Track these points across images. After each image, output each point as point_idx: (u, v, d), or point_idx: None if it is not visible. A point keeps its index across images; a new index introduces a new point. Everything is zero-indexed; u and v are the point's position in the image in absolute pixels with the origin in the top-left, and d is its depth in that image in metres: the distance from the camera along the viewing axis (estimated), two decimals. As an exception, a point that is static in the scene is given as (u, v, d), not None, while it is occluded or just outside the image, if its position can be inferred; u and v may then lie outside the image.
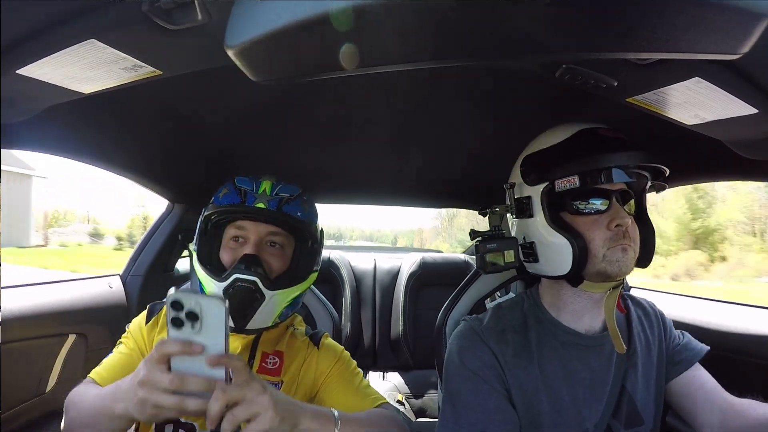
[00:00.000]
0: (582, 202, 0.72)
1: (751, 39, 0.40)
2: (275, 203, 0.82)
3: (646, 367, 0.78)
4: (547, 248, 0.74)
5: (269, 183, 0.85)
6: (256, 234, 0.82)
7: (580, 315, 0.76)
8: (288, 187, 0.87)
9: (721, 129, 0.65)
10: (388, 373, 2.17)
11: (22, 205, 14.18)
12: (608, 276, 0.70)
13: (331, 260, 2.10)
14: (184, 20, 0.46)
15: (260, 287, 0.77)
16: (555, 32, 0.40)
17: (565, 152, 0.72)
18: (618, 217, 0.69)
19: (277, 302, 0.80)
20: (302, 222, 0.84)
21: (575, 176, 0.68)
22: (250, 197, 0.82)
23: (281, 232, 0.83)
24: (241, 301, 0.77)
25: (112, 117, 0.88)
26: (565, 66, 0.55)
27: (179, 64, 0.57)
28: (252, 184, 0.85)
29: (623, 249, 0.69)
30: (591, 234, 0.70)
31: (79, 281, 1.28)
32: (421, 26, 0.40)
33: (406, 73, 0.70)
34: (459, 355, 0.76)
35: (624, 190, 0.73)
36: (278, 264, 0.83)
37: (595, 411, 0.73)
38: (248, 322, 0.77)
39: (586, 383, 0.73)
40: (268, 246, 0.83)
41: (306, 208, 0.87)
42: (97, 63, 0.54)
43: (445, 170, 1.34)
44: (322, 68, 0.47)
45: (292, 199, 0.84)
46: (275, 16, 0.40)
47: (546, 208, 0.73)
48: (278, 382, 0.83)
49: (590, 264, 0.70)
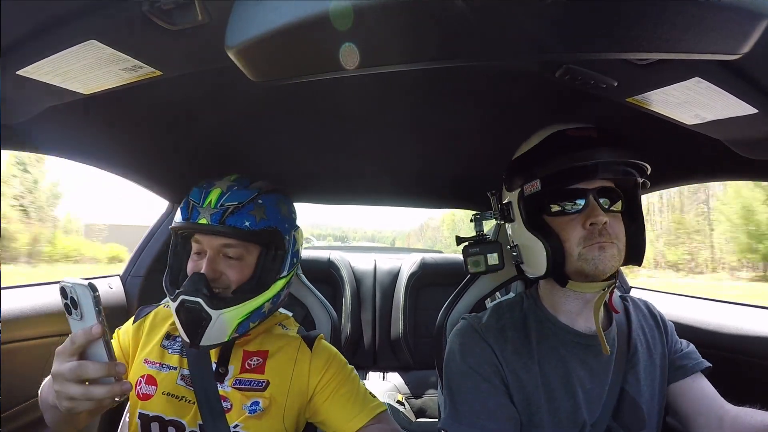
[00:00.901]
0: (557, 203, 0.73)
1: (751, 39, 0.40)
2: (218, 216, 0.78)
3: (648, 369, 0.78)
4: (527, 250, 0.77)
5: (217, 192, 0.81)
6: (211, 247, 0.80)
7: (575, 315, 0.77)
8: (238, 193, 0.81)
9: (721, 129, 0.65)
10: (388, 373, 2.17)
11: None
12: (587, 275, 0.70)
13: (331, 261, 2.10)
14: (184, 20, 0.46)
15: (204, 307, 0.75)
16: (555, 32, 0.40)
17: (532, 157, 0.76)
18: (593, 215, 0.70)
19: (227, 320, 0.77)
20: (250, 232, 0.79)
21: (537, 180, 0.72)
22: (194, 212, 0.80)
23: (236, 243, 0.80)
24: (189, 320, 0.76)
25: (112, 117, 0.88)
26: (565, 66, 0.54)
27: (179, 64, 0.57)
28: (200, 196, 0.81)
29: (600, 247, 0.69)
30: (566, 234, 0.71)
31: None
32: (421, 26, 0.40)
33: (406, 74, 0.70)
34: (459, 353, 0.77)
35: (608, 188, 0.73)
36: (237, 275, 0.81)
37: (593, 411, 0.72)
38: (200, 339, 0.77)
39: (584, 383, 0.73)
40: (226, 258, 0.81)
41: (259, 215, 0.81)
42: (97, 63, 0.54)
43: (445, 171, 1.34)
44: (322, 68, 0.47)
45: (239, 209, 0.79)
46: (275, 16, 0.40)
47: (523, 212, 0.76)
48: (263, 381, 0.83)
49: (568, 263, 0.71)
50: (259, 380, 0.83)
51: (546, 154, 0.73)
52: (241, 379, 0.83)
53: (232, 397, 0.81)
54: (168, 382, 0.82)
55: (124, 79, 0.58)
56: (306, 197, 1.63)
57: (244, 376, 0.83)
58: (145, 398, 0.81)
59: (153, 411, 0.80)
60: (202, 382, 0.81)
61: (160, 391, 0.82)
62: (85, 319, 0.61)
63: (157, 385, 0.82)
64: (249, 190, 0.83)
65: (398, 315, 2.12)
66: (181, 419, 0.80)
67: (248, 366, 0.85)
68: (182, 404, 0.81)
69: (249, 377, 0.83)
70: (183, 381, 0.82)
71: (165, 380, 0.83)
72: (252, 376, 0.83)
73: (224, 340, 0.79)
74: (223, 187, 0.82)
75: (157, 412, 0.80)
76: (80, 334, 0.60)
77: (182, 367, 0.84)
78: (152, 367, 0.84)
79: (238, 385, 0.82)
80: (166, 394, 0.81)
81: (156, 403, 0.81)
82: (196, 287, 0.76)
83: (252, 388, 0.83)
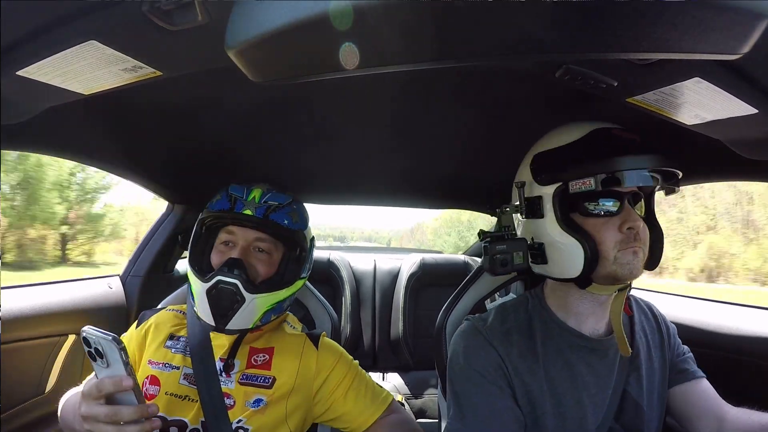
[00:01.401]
0: (593, 203, 0.70)
1: (752, 39, 0.40)
2: (262, 211, 0.86)
3: (649, 371, 0.77)
4: (557, 250, 0.72)
5: (259, 191, 0.89)
6: (244, 239, 0.86)
7: (585, 317, 0.76)
8: (278, 195, 0.90)
9: (721, 129, 0.65)
10: (388, 373, 2.17)
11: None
12: (617, 279, 0.69)
13: (331, 261, 2.10)
14: (184, 21, 0.46)
15: (240, 290, 0.80)
16: (555, 32, 0.40)
17: (580, 152, 0.70)
18: (630, 219, 0.68)
19: (258, 305, 0.82)
20: (288, 230, 0.87)
21: (591, 178, 0.66)
22: (239, 204, 0.86)
23: (268, 239, 0.87)
24: (222, 301, 0.80)
25: (113, 118, 0.88)
26: (565, 66, 0.54)
27: (179, 64, 0.57)
28: (243, 191, 0.88)
29: (634, 252, 0.68)
30: (602, 236, 0.69)
31: (79, 282, 1.28)
32: (421, 27, 0.40)
33: (405, 74, 0.70)
34: (464, 356, 0.75)
35: (634, 192, 0.72)
36: (264, 269, 0.86)
37: (597, 415, 0.72)
38: (228, 322, 0.80)
39: (590, 387, 0.73)
40: (256, 251, 0.87)
41: (294, 217, 0.90)
42: (97, 64, 0.54)
43: (444, 171, 1.33)
44: (322, 68, 0.47)
45: (280, 208, 0.88)
46: (275, 16, 0.40)
47: (558, 209, 0.71)
48: (270, 377, 0.85)
49: (601, 266, 0.69)
50: (265, 376, 0.85)
51: (601, 153, 0.68)
52: (247, 374, 0.85)
53: (235, 394, 0.82)
54: (171, 382, 0.84)
55: (124, 80, 0.58)
56: (304, 197, 1.63)
57: (251, 372, 0.85)
58: (149, 399, 0.82)
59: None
60: (206, 380, 0.82)
61: (164, 391, 0.83)
62: (112, 368, 0.62)
63: (160, 386, 0.83)
64: (286, 195, 0.92)
65: (398, 315, 2.12)
66: (183, 418, 0.81)
67: (254, 362, 0.86)
68: (185, 403, 0.82)
69: (255, 373, 0.85)
70: (186, 380, 0.84)
71: (168, 380, 0.84)
72: (258, 371, 0.85)
73: (249, 326, 0.84)
74: (263, 188, 0.90)
75: (161, 413, 0.81)
76: (109, 384, 0.61)
77: (185, 366, 0.85)
78: (155, 368, 0.85)
79: (245, 380, 0.84)
80: (169, 394, 0.82)
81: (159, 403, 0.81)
82: (233, 270, 0.81)
83: (258, 384, 0.84)
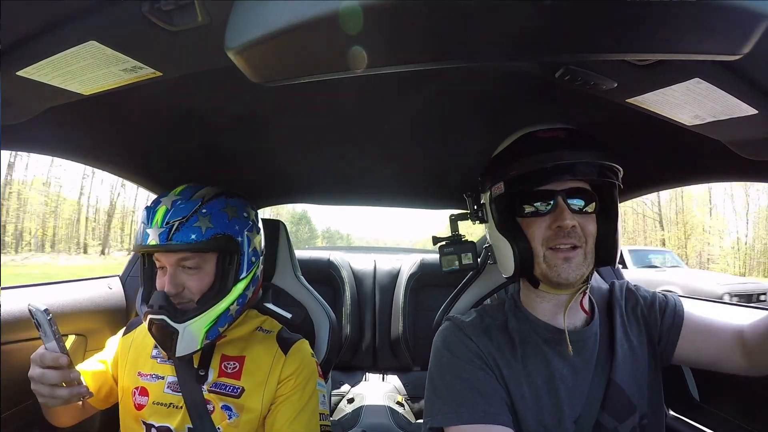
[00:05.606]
0: (526, 204, 0.73)
1: (752, 40, 0.40)
2: (165, 235, 0.80)
3: (636, 354, 0.77)
4: (497, 250, 0.79)
5: (162, 210, 0.83)
6: (169, 263, 0.83)
7: (553, 314, 0.77)
8: (181, 208, 0.83)
9: (721, 130, 0.65)
10: (388, 375, 2.17)
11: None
12: (551, 282, 0.71)
13: (331, 261, 2.10)
14: (184, 21, 0.46)
15: (170, 324, 0.79)
16: (555, 32, 0.40)
17: (500, 160, 0.77)
18: (560, 218, 0.69)
19: (194, 330, 0.81)
20: (199, 244, 0.81)
21: (501, 182, 0.74)
22: (145, 234, 0.82)
23: (190, 255, 0.82)
24: (160, 336, 0.81)
25: (112, 118, 0.88)
26: (565, 67, 0.54)
27: (179, 65, 0.57)
28: (148, 216, 0.83)
29: (565, 258, 0.70)
30: (531, 234, 0.72)
31: (78, 282, 1.28)
32: (423, 27, 0.40)
33: (405, 74, 0.70)
34: (446, 348, 0.77)
35: (581, 189, 0.73)
36: (197, 285, 0.83)
37: (574, 407, 0.72)
38: (175, 351, 0.80)
39: (567, 380, 0.73)
40: (186, 269, 0.83)
41: (204, 226, 0.82)
42: (97, 64, 0.54)
43: (444, 171, 1.33)
44: (322, 69, 0.47)
45: (183, 223, 0.81)
46: (275, 17, 0.40)
47: (494, 213, 0.77)
48: (238, 387, 0.86)
49: (536, 264, 0.72)
50: (234, 386, 0.86)
51: (511, 157, 0.74)
52: (217, 383, 0.86)
53: (213, 400, 0.85)
54: (157, 392, 0.87)
55: (124, 80, 0.58)
56: (304, 197, 1.63)
57: (221, 381, 0.86)
58: (139, 408, 0.87)
59: (147, 419, 0.86)
60: (188, 387, 0.85)
61: (151, 400, 0.86)
62: (48, 336, 0.76)
63: (149, 396, 0.87)
64: (192, 202, 0.84)
65: (398, 315, 2.11)
66: (169, 425, 0.84)
67: (225, 369, 0.87)
68: (170, 410, 0.85)
69: (225, 382, 0.86)
70: (169, 388, 0.87)
71: (155, 390, 0.87)
72: (228, 381, 0.86)
73: (197, 348, 0.82)
74: (167, 204, 0.84)
75: (151, 420, 0.86)
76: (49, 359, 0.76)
77: (169, 375, 0.88)
78: (145, 379, 0.89)
79: (215, 389, 0.85)
80: (155, 403, 0.86)
81: (148, 412, 0.86)
82: (159, 305, 0.80)
83: (227, 393, 0.85)
